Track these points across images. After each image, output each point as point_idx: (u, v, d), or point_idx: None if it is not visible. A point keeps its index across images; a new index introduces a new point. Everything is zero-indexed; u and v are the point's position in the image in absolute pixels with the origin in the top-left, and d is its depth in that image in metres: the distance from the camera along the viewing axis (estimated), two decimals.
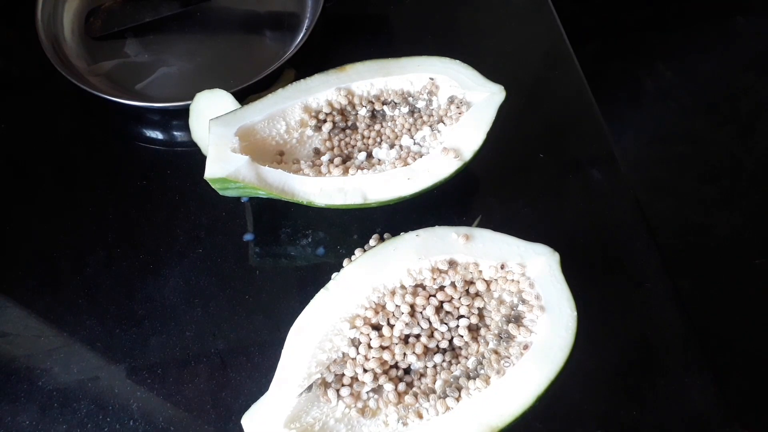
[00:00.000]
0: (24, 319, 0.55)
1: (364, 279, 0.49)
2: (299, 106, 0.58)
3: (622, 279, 0.59)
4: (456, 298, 0.50)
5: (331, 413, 0.46)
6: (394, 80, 0.60)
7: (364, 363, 0.47)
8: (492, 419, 0.44)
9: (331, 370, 0.47)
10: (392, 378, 0.48)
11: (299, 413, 0.45)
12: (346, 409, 0.46)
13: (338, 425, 0.46)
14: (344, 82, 0.59)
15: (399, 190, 0.54)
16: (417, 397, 0.47)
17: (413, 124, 0.60)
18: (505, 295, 0.50)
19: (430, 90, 0.60)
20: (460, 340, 0.49)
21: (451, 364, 0.48)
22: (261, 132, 0.57)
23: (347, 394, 0.47)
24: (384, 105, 0.60)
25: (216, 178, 0.53)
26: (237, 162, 0.53)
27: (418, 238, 0.50)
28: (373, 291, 0.48)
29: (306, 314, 0.47)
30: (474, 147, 0.56)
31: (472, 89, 0.58)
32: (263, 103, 0.57)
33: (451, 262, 0.50)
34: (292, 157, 0.59)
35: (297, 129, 0.59)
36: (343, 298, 0.48)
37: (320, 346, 0.47)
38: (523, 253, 0.50)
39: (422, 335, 0.49)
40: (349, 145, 0.60)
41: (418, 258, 0.49)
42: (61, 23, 0.71)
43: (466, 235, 0.50)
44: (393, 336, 0.48)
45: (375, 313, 0.48)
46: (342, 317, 0.48)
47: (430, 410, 0.46)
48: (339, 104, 0.59)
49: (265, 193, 0.54)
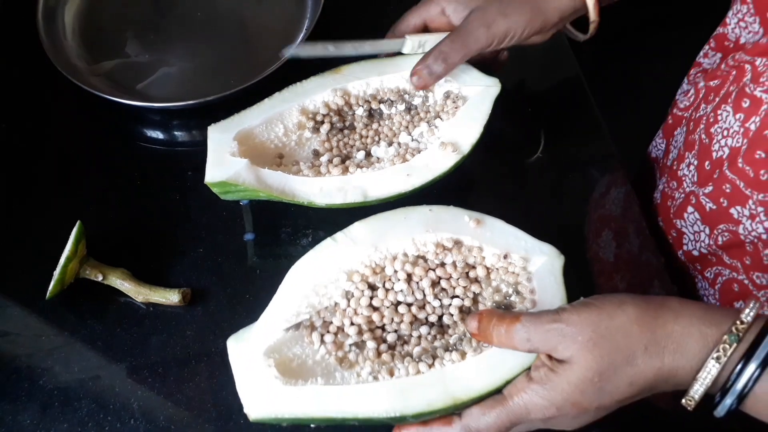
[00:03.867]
0: (24, 319, 0.55)
1: (370, 238, 0.50)
2: (296, 108, 0.59)
3: (623, 281, 0.59)
4: (454, 278, 0.51)
5: (312, 355, 0.48)
6: (389, 78, 0.60)
7: (353, 317, 0.49)
8: (457, 391, 0.45)
9: (321, 315, 0.49)
10: (376, 337, 0.49)
11: (281, 346, 0.47)
12: (327, 355, 0.48)
13: (315, 367, 0.47)
14: (340, 83, 0.59)
15: (398, 186, 0.55)
16: (393, 357, 0.48)
17: (410, 121, 0.60)
18: (503, 285, 0.51)
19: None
20: (450, 318, 0.50)
21: (435, 338, 0.49)
22: (259, 136, 0.58)
23: (330, 341, 0.48)
24: (381, 103, 0.60)
25: (216, 182, 0.54)
26: (236, 165, 0.54)
27: (431, 212, 0.52)
28: (375, 251, 0.50)
29: (309, 256, 0.49)
30: (471, 140, 0.56)
31: (467, 83, 0.59)
32: (260, 108, 0.58)
33: (456, 242, 0.51)
34: (292, 160, 0.59)
35: (295, 131, 0.59)
36: (346, 250, 0.49)
37: (315, 290, 0.49)
38: (530, 248, 0.51)
39: (414, 305, 0.49)
40: (347, 145, 0.60)
41: (425, 230, 0.50)
42: (61, 23, 0.71)
43: (477, 220, 0.51)
44: (386, 299, 0.49)
45: (373, 273, 0.50)
46: (341, 268, 0.49)
47: (401, 369, 0.47)
48: (336, 105, 0.59)
49: (266, 195, 0.54)
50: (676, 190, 0.65)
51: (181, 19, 0.73)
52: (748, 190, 0.56)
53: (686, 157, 0.64)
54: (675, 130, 0.70)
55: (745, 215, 0.57)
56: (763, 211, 0.55)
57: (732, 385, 0.36)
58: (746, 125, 0.56)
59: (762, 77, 0.55)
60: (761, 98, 0.54)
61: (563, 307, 0.41)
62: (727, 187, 0.57)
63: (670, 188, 0.67)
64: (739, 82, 0.58)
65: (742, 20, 0.61)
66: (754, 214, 0.56)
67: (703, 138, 0.61)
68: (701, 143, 0.61)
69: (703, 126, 0.61)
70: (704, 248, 0.62)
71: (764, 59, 0.56)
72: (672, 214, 0.65)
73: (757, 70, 0.56)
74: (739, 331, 0.36)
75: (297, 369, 0.47)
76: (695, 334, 0.37)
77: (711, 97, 0.63)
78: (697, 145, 0.62)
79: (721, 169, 0.58)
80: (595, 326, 0.38)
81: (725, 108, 0.58)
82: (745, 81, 0.57)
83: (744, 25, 0.61)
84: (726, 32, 0.64)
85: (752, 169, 0.55)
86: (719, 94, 0.61)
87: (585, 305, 0.40)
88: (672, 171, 0.66)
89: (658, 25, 1.64)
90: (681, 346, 0.37)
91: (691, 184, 0.62)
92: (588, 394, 0.39)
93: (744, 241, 0.58)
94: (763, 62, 0.55)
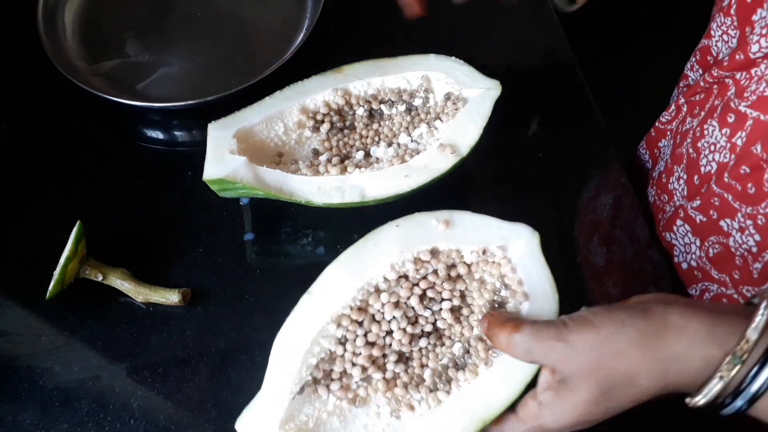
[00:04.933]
0: (24, 319, 0.56)
1: (347, 280, 0.48)
2: (297, 107, 0.58)
3: (626, 285, 0.59)
4: (439, 283, 0.50)
5: (323, 407, 0.47)
6: (390, 79, 0.60)
7: (353, 359, 0.48)
8: (482, 411, 0.44)
9: (320, 368, 0.47)
10: (380, 366, 0.48)
11: (292, 413, 0.46)
12: (338, 402, 0.47)
13: (331, 418, 0.46)
14: (341, 83, 0.59)
15: (397, 187, 0.54)
16: (407, 387, 0.47)
17: (411, 122, 0.60)
18: (486, 276, 0.50)
19: (426, 87, 0.60)
20: (444, 322, 0.49)
21: (436, 346, 0.49)
22: (259, 134, 0.57)
23: (337, 388, 0.47)
24: (381, 104, 0.60)
25: (214, 179, 0.53)
26: (235, 163, 0.54)
27: (398, 228, 0.50)
28: (357, 291, 0.48)
29: (291, 321, 0.47)
30: (470, 142, 0.56)
31: (467, 85, 0.58)
32: (261, 106, 0.57)
33: (433, 251, 0.50)
34: (291, 158, 0.59)
35: (295, 130, 0.59)
36: (327, 301, 0.48)
37: (310, 351, 0.47)
38: (505, 234, 0.50)
39: (407, 324, 0.49)
40: (347, 145, 0.60)
41: (399, 252, 0.49)
42: (61, 23, 0.71)
43: (446, 221, 0.50)
44: (380, 331, 0.48)
45: (360, 311, 0.48)
46: (327, 319, 0.47)
47: (422, 404, 0.46)
48: (336, 105, 0.59)
49: (264, 193, 0.54)
50: (667, 204, 0.65)
51: (181, 19, 0.73)
52: (737, 203, 0.55)
53: (675, 171, 0.64)
54: (659, 142, 0.71)
55: (734, 228, 0.57)
56: (752, 224, 0.55)
57: (746, 387, 0.36)
58: (732, 140, 0.55)
59: (746, 92, 0.54)
60: (746, 113, 0.54)
61: (565, 323, 0.40)
62: (716, 201, 0.57)
63: (661, 201, 0.66)
64: (723, 97, 0.58)
65: (726, 33, 0.61)
66: (743, 227, 0.56)
67: (691, 152, 0.61)
68: (689, 158, 0.61)
69: (690, 140, 0.61)
70: (694, 261, 0.62)
71: (744, 73, 0.55)
72: (661, 227, 0.65)
73: (740, 84, 0.56)
74: (744, 352, 0.36)
75: (315, 428, 0.46)
76: (698, 354, 0.37)
77: (696, 110, 0.62)
78: (685, 159, 0.62)
79: (709, 184, 0.58)
80: (596, 350, 0.38)
81: (711, 123, 0.58)
82: (730, 95, 0.56)
83: (726, 38, 0.61)
84: (710, 44, 0.64)
85: (739, 183, 0.55)
86: (704, 108, 0.61)
87: (586, 324, 0.39)
88: (662, 183, 0.66)
89: (658, 25, 1.64)
90: (684, 366, 0.37)
91: (681, 198, 0.62)
92: (594, 413, 0.40)
93: (734, 254, 0.58)
94: (744, 76, 0.55)
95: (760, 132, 0.53)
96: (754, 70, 0.55)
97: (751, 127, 0.54)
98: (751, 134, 0.54)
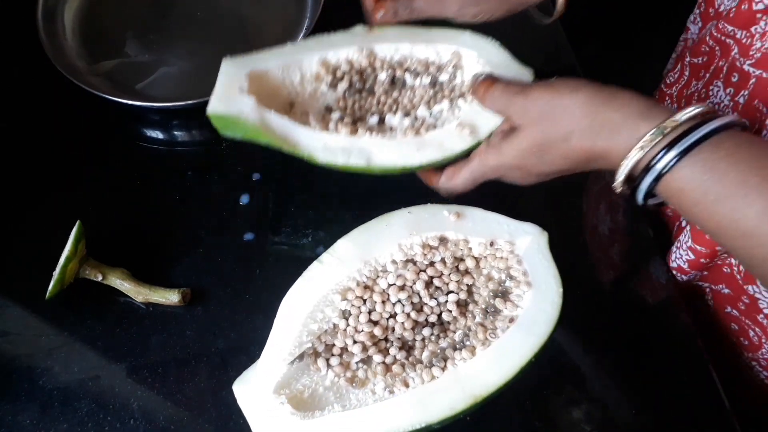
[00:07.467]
0: (24, 319, 0.56)
1: (356, 253, 0.50)
2: (317, 59, 0.55)
3: (628, 288, 0.59)
4: (446, 274, 0.50)
5: (321, 381, 0.47)
6: (420, 49, 0.57)
7: (354, 335, 0.48)
8: (476, 388, 0.45)
9: (322, 340, 0.48)
10: (381, 349, 0.48)
11: (289, 380, 0.46)
12: (336, 378, 0.47)
13: (327, 393, 0.47)
14: (368, 42, 0.56)
15: (406, 158, 0.51)
16: (404, 367, 0.47)
17: (433, 96, 0.56)
18: (494, 272, 0.51)
19: (456, 64, 0.57)
20: (449, 315, 0.49)
21: (439, 338, 0.49)
22: (274, 80, 0.54)
23: (337, 363, 0.47)
24: (406, 72, 0.57)
25: (218, 114, 0.50)
26: (242, 101, 0.51)
27: (410, 214, 0.51)
28: (364, 265, 0.49)
29: (298, 285, 0.48)
30: (491, 126, 0.52)
31: (499, 68, 0.55)
32: (281, 51, 0.54)
33: (441, 239, 0.51)
34: (302, 110, 0.55)
35: (311, 82, 0.56)
36: (335, 270, 0.49)
37: (312, 316, 0.48)
38: (513, 231, 0.51)
39: (411, 310, 0.49)
40: (362, 108, 0.56)
41: (409, 233, 0.50)
42: (61, 23, 0.71)
43: (457, 213, 0.51)
44: (384, 311, 0.49)
45: (366, 288, 0.49)
46: (333, 289, 0.48)
47: (416, 379, 0.47)
48: (359, 64, 0.56)
49: (266, 140, 0.51)
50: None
51: (181, 19, 0.73)
52: None
53: None
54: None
55: None
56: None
57: (653, 165, 0.40)
58: (735, 99, 0.56)
59: (751, 50, 0.55)
60: (749, 72, 0.55)
61: (533, 84, 0.46)
62: None
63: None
64: (727, 57, 0.58)
65: None
66: None
67: None
68: None
69: (695, 102, 0.61)
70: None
71: (744, 32, 0.56)
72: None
73: (742, 43, 0.56)
74: (667, 127, 0.39)
75: (310, 400, 0.46)
76: (630, 125, 0.41)
77: (701, 73, 0.63)
78: None
79: None
80: (546, 104, 0.44)
81: (716, 83, 0.59)
82: (734, 55, 0.57)
83: None
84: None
85: None
86: (709, 70, 0.61)
87: (547, 86, 0.45)
88: None
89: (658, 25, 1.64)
90: (614, 133, 0.41)
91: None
92: (529, 160, 0.46)
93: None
94: (745, 35, 0.56)
95: (762, 90, 0.54)
96: (753, 27, 0.55)
97: (753, 85, 0.55)
98: (752, 92, 0.55)
